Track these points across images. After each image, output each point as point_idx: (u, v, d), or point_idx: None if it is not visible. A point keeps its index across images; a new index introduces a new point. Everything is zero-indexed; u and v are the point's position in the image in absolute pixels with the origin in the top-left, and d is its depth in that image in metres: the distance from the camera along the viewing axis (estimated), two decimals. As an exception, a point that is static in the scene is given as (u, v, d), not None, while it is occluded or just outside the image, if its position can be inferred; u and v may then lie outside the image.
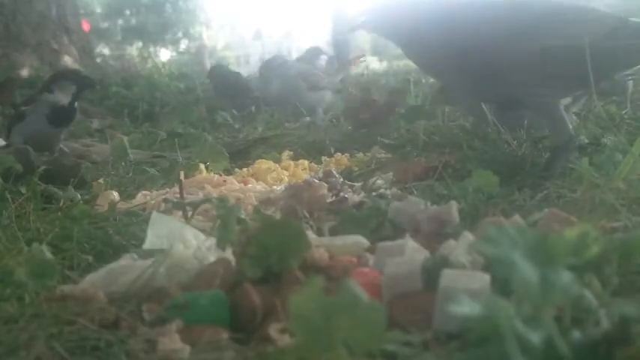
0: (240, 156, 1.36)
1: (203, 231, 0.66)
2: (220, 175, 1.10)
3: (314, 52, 2.46)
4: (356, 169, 1.16)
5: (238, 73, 2.33)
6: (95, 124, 2.13)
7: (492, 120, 1.14)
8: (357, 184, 0.95)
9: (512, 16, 0.90)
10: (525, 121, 1.10)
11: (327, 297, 0.36)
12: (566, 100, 0.99)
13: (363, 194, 0.87)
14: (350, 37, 5.31)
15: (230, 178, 1.06)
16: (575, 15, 0.89)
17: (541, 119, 0.96)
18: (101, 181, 1.08)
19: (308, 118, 1.83)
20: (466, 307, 0.35)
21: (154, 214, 0.69)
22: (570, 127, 0.90)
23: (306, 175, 1.09)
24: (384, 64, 5.85)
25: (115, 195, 0.97)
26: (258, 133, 1.72)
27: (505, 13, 0.91)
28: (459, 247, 0.53)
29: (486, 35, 0.89)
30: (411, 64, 1.40)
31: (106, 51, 8.15)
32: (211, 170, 1.15)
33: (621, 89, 1.30)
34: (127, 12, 11.25)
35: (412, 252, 0.54)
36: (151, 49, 10.30)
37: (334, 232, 0.69)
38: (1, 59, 3.24)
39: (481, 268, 0.49)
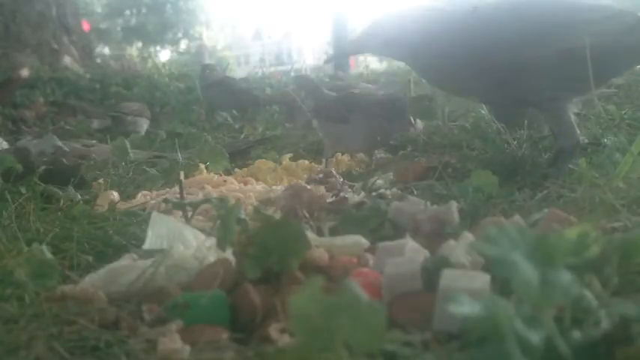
0: (240, 156, 1.36)
1: (203, 231, 0.66)
2: (220, 175, 1.10)
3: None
4: (356, 169, 1.16)
5: (228, 78, 2.32)
6: (95, 124, 2.13)
7: (492, 120, 1.14)
8: (357, 184, 0.95)
9: (527, 18, 0.89)
10: (525, 121, 1.10)
11: (327, 297, 0.35)
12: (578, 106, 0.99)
13: (363, 194, 0.87)
14: (350, 37, 5.31)
15: (230, 178, 1.06)
16: (590, 14, 0.88)
17: (550, 121, 0.96)
18: (101, 181, 1.08)
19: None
20: (466, 307, 0.35)
21: (154, 214, 0.69)
22: (578, 131, 0.90)
23: (305, 175, 1.09)
24: (384, 64, 5.85)
25: (115, 195, 0.97)
26: (258, 133, 1.72)
27: (518, 16, 0.90)
28: (459, 247, 0.53)
29: (501, 39, 0.88)
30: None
31: (106, 51, 8.14)
32: (211, 170, 1.15)
33: None
34: (127, 12, 11.24)
35: (412, 252, 0.54)
36: (151, 49, 10.29)
37: (334, 232, 0.69)
38: (1, 59, 3.24)
39: (481, 268, 0.49)
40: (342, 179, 0.96)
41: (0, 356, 0.45)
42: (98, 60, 4.32)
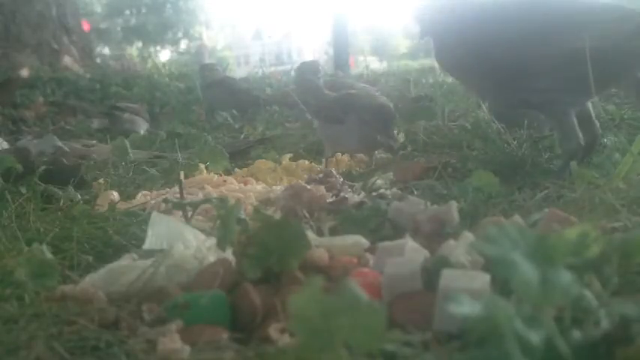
0: (240, 156, 1.36)
1: (203, 231, 0.66)
2: (220, 175, 1.10)
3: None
4: (356, 169, 1.16)
5: (228, 78, 2.32)
6: (95, 124, 2.13)
7: (492, 119, 1.14)
8: (357, 184, 0.95)
9: (534, 19, 0.89)
10: (525, 121, 1.10)
11: (327, 297, 0.35)
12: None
13: (363, 194, 0.87)
14: (350, 38, 5.30)
15: (230, 178, 1.06)
16: (598, 15, 0.87)
17: (552, 124, 0.95)
18: (101, 181, 1.08)
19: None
20: (466, 307, 0.35)
21: (154, 214, 0.69)
22: (580, 135, 0.90)
23: (305, 175, 1.09)
24: (384, 64, 5.85)
25: (115, 195, 0.97)
26: (259, 133, 1.72)
27: (525, 15, 0.90)
28: (459, 247, 0.53)
29: (506, 39, 0.88)
30: (410, 64, 1.39)
31: (106, 51, 8.15)
32: (211, 170, 1.15)
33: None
34: (127, 12, 11.26)
35: (412, 252, 0.54)
36: (151, 49, 10.30)
37: (334, 232, 0.69)
38: (1, 59, 3.24)
39: (481, 268, 0.49)
40: (342, 179, 0.96)
41: (0, 356, 0.45)
42: (98, 60, 4.32)
